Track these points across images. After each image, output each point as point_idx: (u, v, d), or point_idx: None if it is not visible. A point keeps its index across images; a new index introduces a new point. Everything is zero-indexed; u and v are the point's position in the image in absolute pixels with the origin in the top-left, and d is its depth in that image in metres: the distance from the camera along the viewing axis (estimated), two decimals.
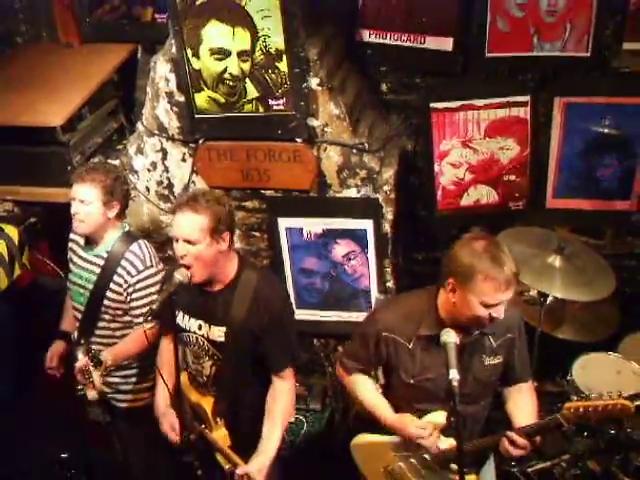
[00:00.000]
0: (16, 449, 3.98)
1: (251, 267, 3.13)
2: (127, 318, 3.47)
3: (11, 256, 4.09)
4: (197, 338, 3.10)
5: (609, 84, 3.76)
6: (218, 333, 3.03)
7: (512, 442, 2.77)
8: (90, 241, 3.45)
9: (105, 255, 3.41)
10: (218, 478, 3.24)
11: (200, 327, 3.08)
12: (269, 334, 2.99)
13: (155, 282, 3.39)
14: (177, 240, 2.87)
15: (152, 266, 3.42)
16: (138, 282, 3.37)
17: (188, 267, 2.86)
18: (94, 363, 3.35)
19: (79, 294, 3.52)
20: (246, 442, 3.06)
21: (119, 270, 3.38)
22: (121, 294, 3.40)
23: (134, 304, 3.40)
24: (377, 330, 2.91)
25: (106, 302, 3.43)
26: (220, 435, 3.10)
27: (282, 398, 3.06)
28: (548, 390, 3.78)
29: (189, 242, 2.83)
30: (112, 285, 3.40)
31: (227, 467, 3.11)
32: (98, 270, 3.42)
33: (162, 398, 3.19)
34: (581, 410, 2.63)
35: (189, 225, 2.83)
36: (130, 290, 3.38)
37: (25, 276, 4.26)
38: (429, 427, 2.83)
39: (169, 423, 3.11)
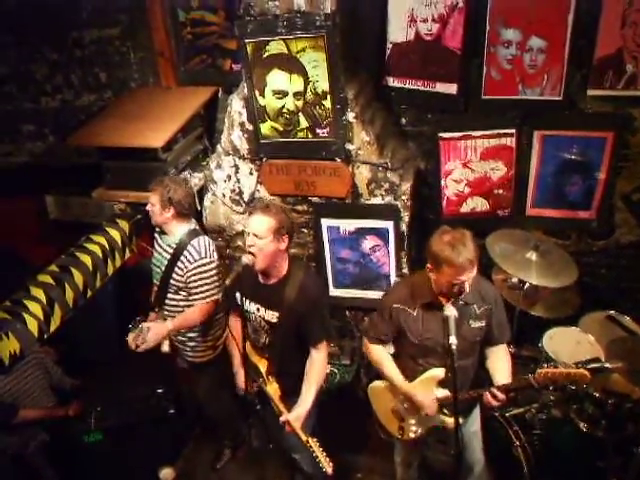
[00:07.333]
0: (126, 385, 4.10)
1: (298, 266, 3.13)
2: (185, 293, 3.49)
3: (123, 243, 4.24)
4: (256, 317, 3.15)
5: (576, 121, 3.74)
6: (272, 315, 3.08)
7: (494, 396, 2.82)
8: (163, 232, 3.54)
9: (174, 246, 3.47)
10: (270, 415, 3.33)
11: (258, 309, 3.12)
12: (309, 316, 3.03)
13: (208, 269, 3.42)
14: (249, 234, 2.91)
15: (206, 257, 3.41)
16: (194, 269, 3.39)
17: (253, 255, 2.90)
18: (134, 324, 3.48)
19: (157, 273, 3.60)
20: (290, 393, 3.16)
21: (182, 258, 3.42)
22: (182, 276, 3.44)
23: (191, 285, 3.43)
24: (390, 304, 2.98)
25: (172, 281, 3.49)
26: (273, 388, 3.18)
27: (317, 365, 3.11)
28: (524, 354, 3.80)
29: (257, 236, 2.87)
30: (176, 268, 3.45)
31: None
32: (169, 256, 3.48)
33: (235, 359, 3.27)
34: (549, 375, 2.68)
35: (260, 223, 2.89)
36: (188, 274, 3.41)
37: (133, 258, 4.40)
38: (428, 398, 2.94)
39: (240, 379, 3.21)
